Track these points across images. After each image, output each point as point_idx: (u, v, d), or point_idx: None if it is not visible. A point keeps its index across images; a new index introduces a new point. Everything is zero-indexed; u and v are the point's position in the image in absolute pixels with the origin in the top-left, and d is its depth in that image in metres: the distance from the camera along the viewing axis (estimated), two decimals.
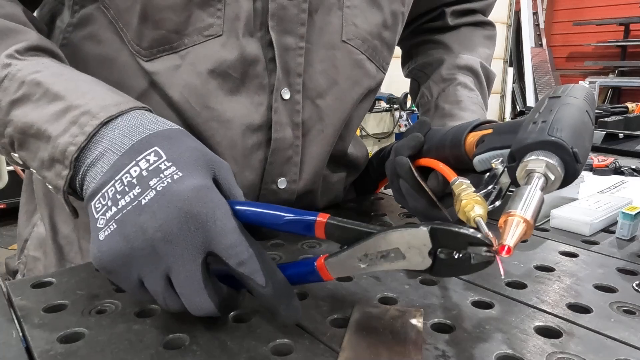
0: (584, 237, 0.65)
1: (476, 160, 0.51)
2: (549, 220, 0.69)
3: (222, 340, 0.39)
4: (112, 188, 0.38)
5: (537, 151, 0.42)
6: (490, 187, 0.47)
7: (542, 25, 8.06)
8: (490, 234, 0.37)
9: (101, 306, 0.45)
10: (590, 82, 6.47)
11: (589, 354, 0.38)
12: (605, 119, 1.53)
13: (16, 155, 0.47)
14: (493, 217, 0.42)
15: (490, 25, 0.90)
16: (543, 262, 0.55)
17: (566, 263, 0.56)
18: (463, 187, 0.47)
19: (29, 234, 0.73)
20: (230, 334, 0.40)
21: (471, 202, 0.43)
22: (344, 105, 0.65)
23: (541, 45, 8.03)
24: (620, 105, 1.93)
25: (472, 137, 0.53)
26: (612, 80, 7.07)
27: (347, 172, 0.78)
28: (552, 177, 0.41)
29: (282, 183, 0.63)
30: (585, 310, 0.45)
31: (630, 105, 1.88)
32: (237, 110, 0.58)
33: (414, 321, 0.42)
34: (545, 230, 0.68)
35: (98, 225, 0.38)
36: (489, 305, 0.45)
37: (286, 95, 0.59)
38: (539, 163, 0.41)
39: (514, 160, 0.44)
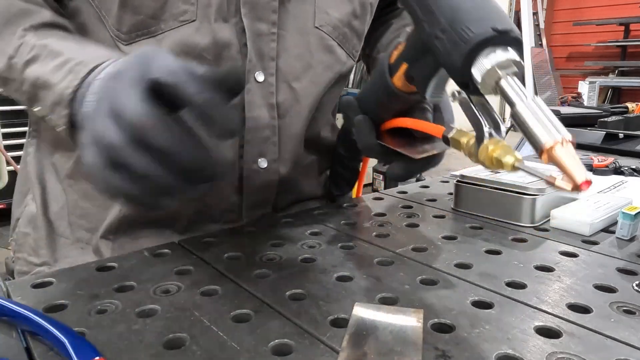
0: (584, 237, 0.65)
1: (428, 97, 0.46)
2: (549, 220, 0.69)
3: (222, 340, 0.39)
4: (90, 103, 0.43)
5: (486, 54, 0.37)
6: (485, 126, 0.41)
7: (542, 25, 8.06)
8: (549, 174, 0.34)
9: (101, 306, 0.45)
10: (591, 82, 6.47)
11: (589, 354, 0.38)
12: (605, 119, 1.53)
13: (35, 109, 0.54)
14: None
15: None
16: (543, 262, 0.55)
17: (566, 263, 0.56)
18: (469, 137, 0.42)
19: (20, 212, 0.74)
20: (230, 334, 0.40)
21: (497, 149, 0.39)
22: (317, 88, 0.69)
23: (541, 45, 8.03)
24: (620, 105, 1.93)
25: (400, 73, 0.49)
26: (612, 80, 7.07)
27: (320, 156, 0.79)
28: (517, 70, 0.37)
29: (262, 162, 0.67)
30: (585, 310, 0.45)
31: (630, 105, 1.88)
32: None
33: (413, 321, 0.42)
34: (545, 230, 0.68)
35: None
36: (489, 305, 0.45)
37: (260, 77, 0.64)
38: (496, 72, 0.37)
39: (462, 79, 0.39)
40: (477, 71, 0.38)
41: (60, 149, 0.68)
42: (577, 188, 0.31)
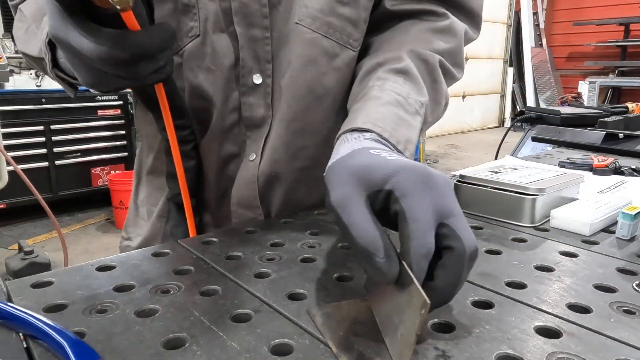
0: (584, 237, 0.65)
1: None
2: (549, 220, 0.69)
3: (222, 340, 0.40)
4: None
5: None
6: None
7: (542, 25, 8.07)
8: None
9: (101, 306, 0.45)
10: (591, 82, 6.47)
11: (589, 354, 0.38)
12: (605, 119, 1.53)
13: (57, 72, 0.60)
14: None
15: (440, 16, 0.71)
16: (543, 262, 0.55)
17: (566, 263, 0.56)
18: None
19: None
20: (230, 334, 0.40)
21: None
22: (296, 85, 0.67)
23: (541, 45, 8.04)
24: (620, 105, 1.93)
25: None
26: (612, 80, 7.07)
27: (314, 161, 0.73)
28: None
29: (252, 156, 0.70)
30: (585, 310, 0.45)
31: (630, 105, 1.88)
32: (219, 95, 0.67)
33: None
34: (545, 230, 0.68)
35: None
36: (489, 305, 0.45)
37: (257, 80, 0.67)
38: None
39: None
40: None
41: (151, 151, 0.78)
42: None
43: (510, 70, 8.58)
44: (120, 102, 4.00)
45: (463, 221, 0.40)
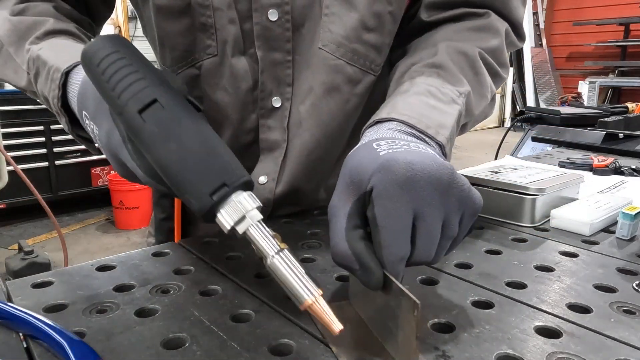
0: (584, 237, 0.65)
1: None
2: (549, 220, 0.69)
3: (222, 340, 0.40)
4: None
5: (220, 216, 0.41)
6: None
7: (542, 25, 8.07)
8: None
9: (101, 306, 0.45)
10: (591, 82, 6.47)
11: (589, 354, 0.38)
12: (605, 119, 1.53)
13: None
14: None
15: (479, 16, 0.68)
16: (543, 262, 0.55)
17: (566, 263, 0.56)
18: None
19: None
20: (230, 334, 0.40)
21: None
22: (317, 111, 0.66)
23: (541, 45, 8.04)
24: (620, 105, 1.93)
25: None
26: (612, 80, 7.07)
27: (323, 186, 0.75)
28: (258, 212, 0.41)
29: (262, 179, 0.68)
30: (585, 310, 0.45)
31: (630, 105, 1.89)
32: (235, 116, 0.67)
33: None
34: (545, 230, 0.68)
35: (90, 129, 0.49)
36: (489, 305, 0.45)
37: (277, 103, 0.66)
38: (236, 229, 0.41)
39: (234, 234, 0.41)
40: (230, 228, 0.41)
41: None
42: (334, 333, 0.36)
43: (510, 70, 8.59)
44: None
45: (428, 229, 0.39)
